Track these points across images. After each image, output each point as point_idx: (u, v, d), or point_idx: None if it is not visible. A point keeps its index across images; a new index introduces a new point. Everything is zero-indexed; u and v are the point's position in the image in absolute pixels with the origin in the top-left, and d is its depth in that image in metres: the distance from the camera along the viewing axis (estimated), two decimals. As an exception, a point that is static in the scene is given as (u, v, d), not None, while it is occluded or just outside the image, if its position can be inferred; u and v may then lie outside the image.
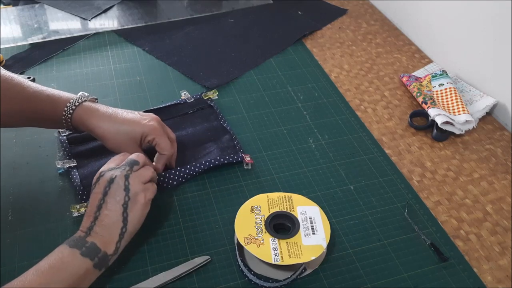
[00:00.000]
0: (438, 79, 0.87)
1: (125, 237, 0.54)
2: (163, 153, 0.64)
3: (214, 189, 0.68)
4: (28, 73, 0.86)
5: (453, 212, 0.67)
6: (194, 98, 0.81)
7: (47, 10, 1.04)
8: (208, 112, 0.80)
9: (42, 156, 0.70)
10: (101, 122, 0.62)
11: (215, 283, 0.56)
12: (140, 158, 0.59)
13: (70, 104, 0.62)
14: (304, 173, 0.71)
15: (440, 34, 0.95)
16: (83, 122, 0.62)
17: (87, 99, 0.64)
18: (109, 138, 0.62)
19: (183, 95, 0.82)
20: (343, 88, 0.89)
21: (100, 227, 0.53)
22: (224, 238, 0.61)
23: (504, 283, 0.59)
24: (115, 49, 0.95)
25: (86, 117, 0.62)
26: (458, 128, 0.78)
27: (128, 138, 0.63)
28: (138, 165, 0.58)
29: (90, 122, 0.62)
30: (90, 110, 0.63)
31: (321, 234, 0.59)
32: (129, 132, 0.62)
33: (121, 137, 0.62)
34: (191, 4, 1.10)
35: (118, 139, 0.62)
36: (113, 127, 0.62)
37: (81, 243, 0.51)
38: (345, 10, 1.14)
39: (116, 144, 0.63)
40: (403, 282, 0.58)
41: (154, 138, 0.63)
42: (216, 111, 0.79)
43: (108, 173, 0.56)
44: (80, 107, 0.62)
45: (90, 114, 0.62)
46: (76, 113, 0.62)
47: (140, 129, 0.63)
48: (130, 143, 0.63)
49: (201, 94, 0.82)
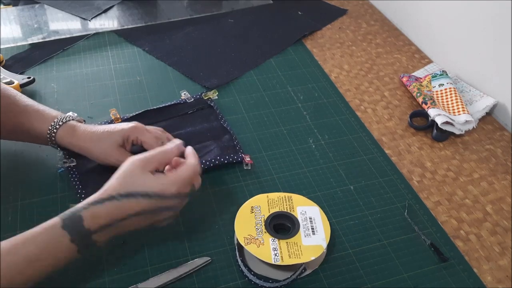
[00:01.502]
0: (438, 79, 0.87)
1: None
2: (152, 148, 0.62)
3: (214, 189, 0.68)
4: (28, 73, 0.86)
5: (453, 212, 0.67)
6: (194, 98, 0.81)
7: (47, 10, 1.04)
8: (208, 112, 0.80)
9: (42, 156, 0.70)
10: (83, 136, 0.63)
11: (215, 283, 0.56)
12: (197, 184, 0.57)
13: (56, 121, 0.63)
14: (304, 173, 0.71)
15: (440, 34, 0.95)
16: (65, 139, 0.63)
17: (74, 119, 0.65)
18: (92, 148, 0.63)
19: (183, 95, 0.82)
20: (343, 88, 0.89)
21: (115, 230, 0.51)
22: (224, 238, 0.61)
23: (504, 283, 0.59)
24: (115, 49, 0.95)
25: (68, 135, 0.63)
26: (458, 128, 0.78)
27: (111, 143, 0.63)
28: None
29: (72, 139, 0.63)
30: (73, 129, 0.64)
31: (321, 234, 0.59)
32: (110, 136, 0.63)
33: (103, 144, 0.63)
34: (191, 4, 1.10)
35: (101, 147, 0.63)
36: (94, 136, 0.63)
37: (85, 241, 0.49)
38: (345, 10, 1.14)
39: (101, 153, 0.63)
40: (403, 282, 0.58)
41: (137, 136, 0.64)
42: (216, 111, 0.79)
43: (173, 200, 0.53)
44: (65, 125, 0.63)
45: (72, 132, 0.63)
46: (60, 131, 0.63)
47: (120, 131, 0.63)
48: (114, 148, 0.63)
49: (201, 94, 0.82)
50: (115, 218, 0.50)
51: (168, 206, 0.52)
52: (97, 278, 0.56)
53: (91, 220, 0.49)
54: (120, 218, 0.50)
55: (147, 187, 0.51)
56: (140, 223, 0.52)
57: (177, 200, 0.53)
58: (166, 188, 0.52)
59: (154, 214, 0.52)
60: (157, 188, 0.51)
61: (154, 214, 0.52)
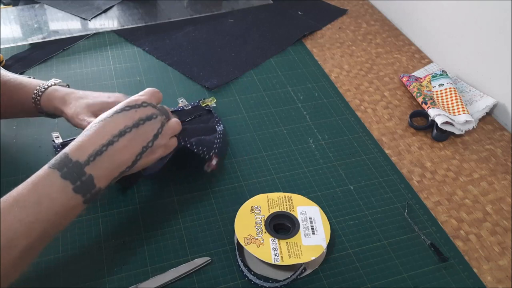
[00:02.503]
0: (438, 79, 0.87)
1: (122, 176, 0.52)
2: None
3: (214, 189, 0.68)
4: (28, 73, 0.86)
5: (453, 212, 0.67)
6: (192, 106, 0.80)
7: (47, 10, 1.04)
8: (206, 118, 0.77)
9: (42, 156, 0.70)
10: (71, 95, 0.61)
11: (215, 283, 0.56)
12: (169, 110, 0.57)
13: (39, 87, 0.62)
14: (304, 173, 0.71)
15: (440, 34, 0.95)
16: (52, 102, 0.61)
17: (58, 84, 0.64)
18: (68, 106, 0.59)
19: (180, 102, 0.80)
20: (343, 88, 0.89)
21: (108, 160, 0.49)
22: (224, 238, 0.61)
23: (504, 283, 0.59)
24: (115, 49, 0.95)
25: (55, 97, 0.61)
26: (458, 128, 0.78)
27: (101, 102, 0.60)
28: (168, 118, 0.56)
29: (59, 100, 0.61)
30: (59, 91, 0.62)
31: (321, 234, 0.59)
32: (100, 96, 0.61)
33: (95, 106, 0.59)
34: (191, 4, 1.10)
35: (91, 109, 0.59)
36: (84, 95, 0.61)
37: (77, 174, 0.47)
38: (345, 10, 1.14)
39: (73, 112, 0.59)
40: (403, 282, 0.58)
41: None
42: (214, 115, 0.78)
43: (150, 108, 0.52)
44: (49, 88, 0.62)
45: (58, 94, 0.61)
46: (45, 94, 0.61)
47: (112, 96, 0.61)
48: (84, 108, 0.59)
49: (198, 101, 0.80)
50: (100, 143, 0.49)
51: (148, 114, 0.52)
52: (97, 278, 0.56)
53: (78, 151, 0.48)
54: (106, 142, 0.49)
55: (117, 106, 0.52)
56: (133, 146, 0.51)
57: (154, 110, 0.52)
58: (135, 98, 0.52)
59: (139, 131, 0.51)
60: (123, 102, 0.52)
61: (139, 131, 0.51)
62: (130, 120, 0.51)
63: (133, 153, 0.51)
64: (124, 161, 0.51)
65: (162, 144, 0.54)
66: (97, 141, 0.49)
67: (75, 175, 0.47)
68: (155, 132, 0.52)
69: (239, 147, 0.75)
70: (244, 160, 0.73)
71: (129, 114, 0.51)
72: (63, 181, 0.46)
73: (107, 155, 0.49)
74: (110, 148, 0.49)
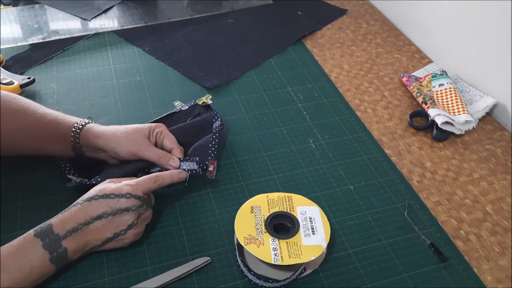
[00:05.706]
0: (438, 79, 0.87)
1: (92, 251, 0.56)
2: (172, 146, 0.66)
3: (214, 189, 0.68)
4: (28, 73, 0.86)
5: (453, 212, 0.67)
6: (189, 106, 0.79)
7: (47, 11, 1.04)
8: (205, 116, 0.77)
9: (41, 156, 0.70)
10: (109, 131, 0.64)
11: (215, 283, 0.56)
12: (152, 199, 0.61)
13: (78, 123, 0.64)
14: (304, 173, 0.71)
15: (440, 34, 0.95)
16: (90, 138, 0.64)
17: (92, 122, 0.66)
18: (120, 142, 0.63)
19: (177, 104, 0.80)
20: (343, 88, 0.89)
21: (80, 238, 0.54)
22: (224, 238, 0.61)
23: (504, 283, 0.59)
24: (115, 49, 0.95)
25: (93, 133, 0.64)
26: (458, 128, 0.78)
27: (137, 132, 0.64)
28: (150, 208, 0.60)
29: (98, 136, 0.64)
30: (96, 128, 0.65)
31: (321, 234, 0.59)
32: (136, 128, 0.65)
33: (130, 135, 0.64)
34: (191, 4, 1.10)
35: (129, 139, 0.64)
36: (120, 131, 0.64)
37: (55, 246, 0.52)
38: (345, 10, 1.14)
39: (128, 146, 0.63)
40: (403, 282, 0.58)
41: (162, 130, 0.67)
42: (213, 110, 0.77)
43: (132, 200, 0.56)
44: (87, 125, 0.65)
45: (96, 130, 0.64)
46: (84, 130, 0.64)
47: (146, 125, 0.66)
48: (141, 139, 0.64)
49: (195, 101, 0.80)
50: (79, 221, 0.53)
51: (128, 206, 0.55)
52: (97, 278, 0.56)
53: (60, 225, 0.53)
54: (84, 221, 0.54)
55: (106, 190, 0.56)
56: (105, 231, 0.55)
57: (135, 201, 0.56)
58: (120, 187, 0.56)
59: (115, 219, 0.55)
60: (112, 187, 0.56)
61: (115, 219, 0.55)
62: (110, 208, 0.55)
63: (104, 236, 0.55)
64: (94, 241, 0.55)
65: (134, 233, 0.57)
66: (77, 219, 0.54)
67: (53, 246, 0.52)
68: (130, 223, 0.56)
69: (239, 147, 0.75)
70: (244, 160, 0.73)
71: (111, 203, 0.55)
72: (43, 251, 0.51)
73: (81, 233, 0.54)
74: (85, 227, 0.54)
